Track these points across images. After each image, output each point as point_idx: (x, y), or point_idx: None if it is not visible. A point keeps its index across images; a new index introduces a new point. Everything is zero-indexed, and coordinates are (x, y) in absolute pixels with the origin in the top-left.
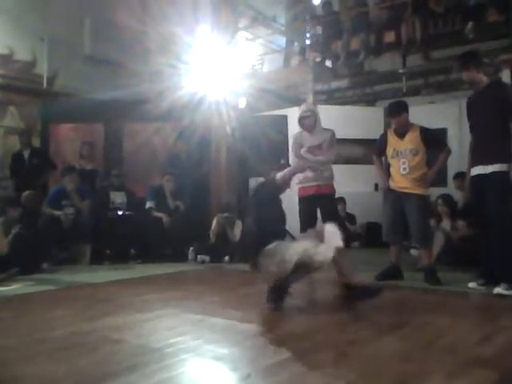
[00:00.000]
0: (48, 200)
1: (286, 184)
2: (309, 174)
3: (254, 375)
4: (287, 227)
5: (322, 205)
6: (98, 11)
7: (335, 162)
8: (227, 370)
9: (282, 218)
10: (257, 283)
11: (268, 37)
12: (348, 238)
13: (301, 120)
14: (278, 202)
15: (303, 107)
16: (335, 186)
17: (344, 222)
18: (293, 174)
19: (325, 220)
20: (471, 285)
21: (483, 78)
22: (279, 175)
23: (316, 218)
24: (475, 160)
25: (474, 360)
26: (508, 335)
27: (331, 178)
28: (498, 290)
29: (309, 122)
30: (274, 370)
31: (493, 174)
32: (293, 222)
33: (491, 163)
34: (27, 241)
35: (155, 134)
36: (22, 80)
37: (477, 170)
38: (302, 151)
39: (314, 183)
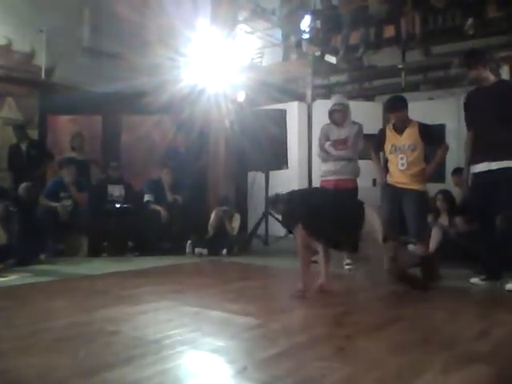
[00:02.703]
0: (46, 192)
1: None
2: (331, 167)
3: (250, 368)
4: None
5: None
6: (97, 3)
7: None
8: (224, 363)
9: None
10: (254, 276)
11: (267, 30)
12: None
13: (331, 113)
14: None
15: (334, 100)
16: None
17: None
18: None
19: None
20: (473, 280)
21: (490, 76)
22: None
23: None
24: (478, 157)
25: (470, 354)
26: (505, 330)
27: (353, 172)
28: (510, 286)
29: (338, 116)
30: (271, 362)
31: (501, 170)
32: None
33: (495, 160)
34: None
35: (154, 126)
36: (21, 71)
37: (480, 167)
38: (327, 144)
39: (333, 177)
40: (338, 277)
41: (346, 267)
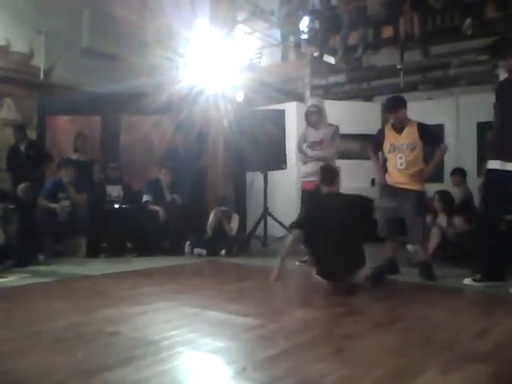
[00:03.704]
0: (44, 192)
1: None
2: (311, 168)
3: (249, 368)
4: None
5: None
6: (95, 4)
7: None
8: (223, 363)
9: None
10: (253, 277)
11: (266, 30)
12: None
13: (307, 115)
14: None
15: (309, 102)
16: None
17: None
18: None
19: None
20: (466, 281)
21: None
22: None
23: None
24: (495, 152)
25: (469, 355)
26: (503, 330)
27: None
28: None
29: (314, 118)
30: (270, 363)
31: None
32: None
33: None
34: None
35: (153, 127)
36: (19, 72)
37: (494, 165)
38: (304, 146)
39: (312, 178)
40: None
41: None
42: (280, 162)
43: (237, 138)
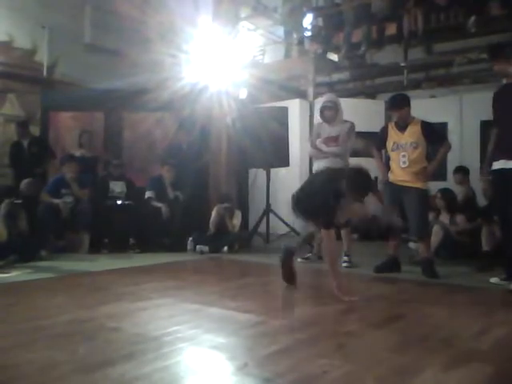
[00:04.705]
0: (47, 188)
1: None
2: (324, 164)
3: (251, 364)
4: None
5: None
6: (98, 0)
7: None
8: (224, 359)
9: None
10: (255, 274)
11: (269, 27)
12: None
13: (322, 110)
14: None
15: (325, 98)
16: None
17: None
18: None
19: None
20: (493, 280)
21: None
22: None
23: None
24: (498, 154)
25: (470, 353)
26: (505, 329)
27: None
28: None
29: (330, 114)
30: (272, 359)
31: None
32: None
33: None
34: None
35: (155, 124)
36: (22, 68)
37: (498, 165)
38: (318, 142)
39: None
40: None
41: (344, 264)
42: (283, 159)
43: (239, 135)
